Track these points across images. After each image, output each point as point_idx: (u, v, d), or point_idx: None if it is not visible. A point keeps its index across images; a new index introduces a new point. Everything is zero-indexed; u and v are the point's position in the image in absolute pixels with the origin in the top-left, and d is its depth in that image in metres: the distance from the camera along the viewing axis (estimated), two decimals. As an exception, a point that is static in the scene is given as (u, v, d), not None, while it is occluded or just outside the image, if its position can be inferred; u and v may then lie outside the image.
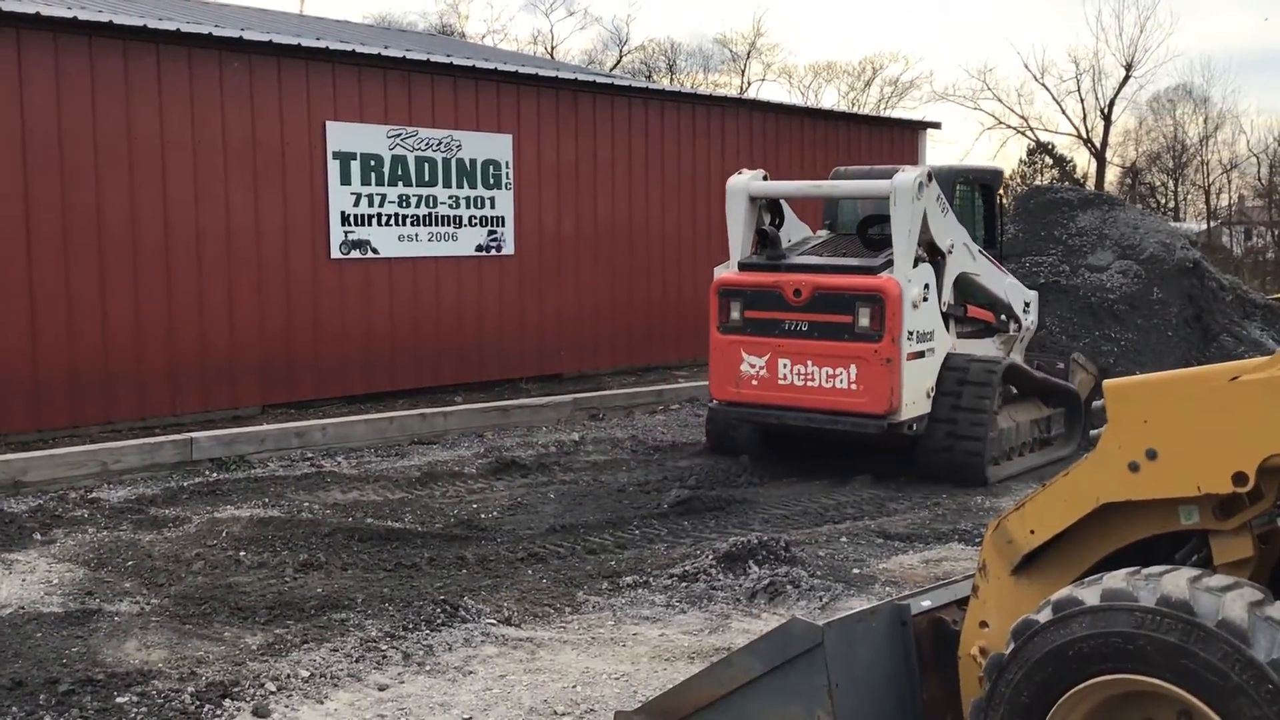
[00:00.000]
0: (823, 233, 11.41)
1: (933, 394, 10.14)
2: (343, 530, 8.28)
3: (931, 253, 10.19)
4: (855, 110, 42.30)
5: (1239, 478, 3.33)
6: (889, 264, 9.90)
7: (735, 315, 10.40)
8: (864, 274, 9.97)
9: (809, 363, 10.04)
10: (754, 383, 10.30)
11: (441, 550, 7.98)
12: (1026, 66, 57.41)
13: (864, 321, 9.80)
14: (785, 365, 10.15)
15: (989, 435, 10.13)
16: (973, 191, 11.75)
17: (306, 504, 9.28)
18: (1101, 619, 3.26)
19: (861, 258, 10.23)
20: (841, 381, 9.90)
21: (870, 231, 10.42)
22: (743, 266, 10.60)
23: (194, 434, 10.92)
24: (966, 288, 10.88)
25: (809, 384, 10.05)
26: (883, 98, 53.62)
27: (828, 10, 70.97)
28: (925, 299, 9.98)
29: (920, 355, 9.98)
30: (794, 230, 11.04)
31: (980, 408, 10.07)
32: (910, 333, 9.82)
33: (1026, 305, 11.62)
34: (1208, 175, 48.09)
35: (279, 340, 12.52)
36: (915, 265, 9.90)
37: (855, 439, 10.18)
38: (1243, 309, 15.49)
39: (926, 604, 4.10)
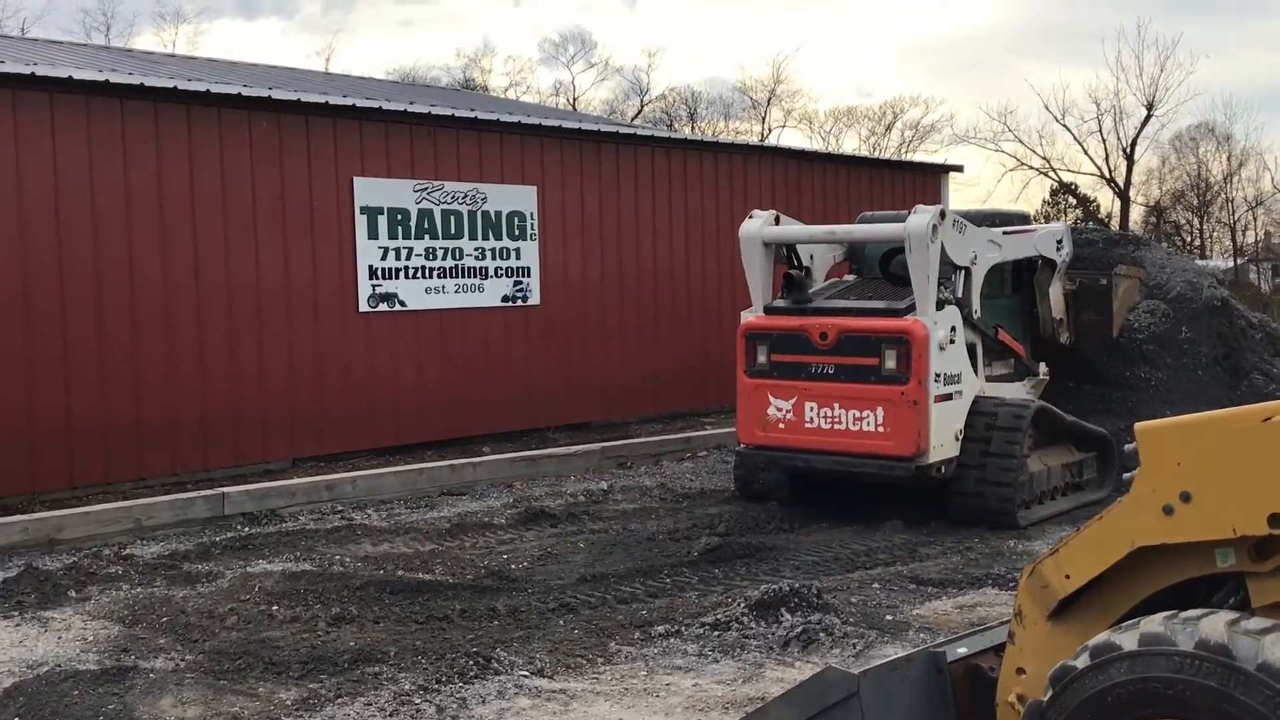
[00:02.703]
0: (849, 276, 11.45)
1: (961, 436, 10.09)
2: (374, 583, 8.29)
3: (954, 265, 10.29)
4: (876, 155, 42.46)
5: (1274, 519, 3.31)
6: (915, 306, 9.91)
7: (762, 359, 10.42)
8: (890, 316, 9.99)
9: (836, 406, 10.02)
10: (781, 426, 10.28)
11: (473, 602, 7.97)
12: (1047, 108, 57.55)
13: (890, 364, 9.79)
14: (812, 408, 10.13)
15: (1019, 480, 10.06)
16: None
17: (338, 557, 9.30)
18: (1140, 664, 3.24)
19: (887, 300, 10.25)
20: (869, 424, 9.88)
21: (893, 264, 10.45)
22: (769, 310, 10.64)
23: (225, 489, 11.00)
24: (998, 307, 10.93)
25: (836, 427, 10.03)
26: (904, 142, 53.90)
27: (847, 56, 71.45)
28: (952, 341, 9.97)
29: (948, 398, 9.95)
30: (817, 252, 11.15)
31: (1010, 453, 10.00)
32: (937, 375, 9.80)
33: (1059, 242, 11.82)
34: (1233, 212, 48.01)
35: (309, 394, 12.62)
36: (941, 308, 9.91)
37: (883, 482, 10.14)
38: (1273, 346, 15.35)
39: (962, 651, 4.08)
